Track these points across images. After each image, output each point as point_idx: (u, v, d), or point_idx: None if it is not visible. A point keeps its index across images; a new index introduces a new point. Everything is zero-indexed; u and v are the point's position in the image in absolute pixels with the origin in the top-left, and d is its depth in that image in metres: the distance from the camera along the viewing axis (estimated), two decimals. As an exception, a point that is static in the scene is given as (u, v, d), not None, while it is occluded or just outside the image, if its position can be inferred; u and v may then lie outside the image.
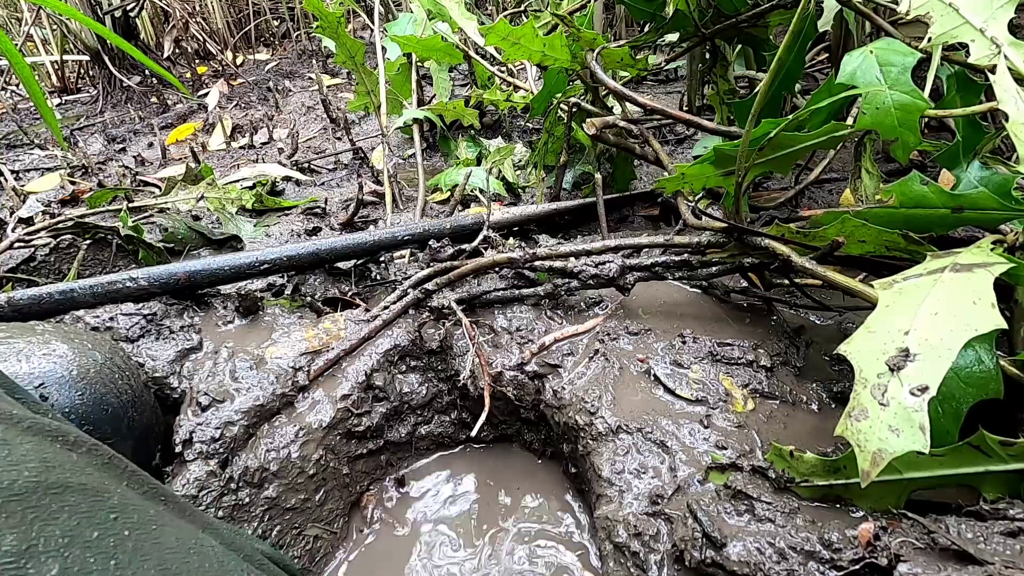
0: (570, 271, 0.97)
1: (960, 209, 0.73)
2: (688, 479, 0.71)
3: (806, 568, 0.57)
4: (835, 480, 0.63)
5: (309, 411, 0.87)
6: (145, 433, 0.81)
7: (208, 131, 2.33)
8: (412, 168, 1.75)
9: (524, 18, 2.51)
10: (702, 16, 1.21)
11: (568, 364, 0.90)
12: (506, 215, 1.28)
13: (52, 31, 2.91)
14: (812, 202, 1.32)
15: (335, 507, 0.87)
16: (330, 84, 2.70)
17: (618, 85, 1.13)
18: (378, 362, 0.93)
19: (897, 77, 0.80)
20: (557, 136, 1.44)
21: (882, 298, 0.66)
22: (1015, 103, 0.71)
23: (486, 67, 1.87)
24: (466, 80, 2.29)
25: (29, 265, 1.29)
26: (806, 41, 1.04)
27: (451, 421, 1.00)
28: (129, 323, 0.95)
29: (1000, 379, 0.62)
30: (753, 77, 1.51)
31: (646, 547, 0.67)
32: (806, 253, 0.82)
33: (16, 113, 2.76)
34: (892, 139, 0.81)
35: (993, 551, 0.54)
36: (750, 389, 0.83)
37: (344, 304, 1.10)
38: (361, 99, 1.69)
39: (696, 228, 1.01)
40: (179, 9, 3.01)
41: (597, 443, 0.79)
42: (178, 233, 1.39)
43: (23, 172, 2.02)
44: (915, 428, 0.55)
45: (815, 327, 1.01)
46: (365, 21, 2.84)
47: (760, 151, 0.82)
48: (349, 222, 1.44)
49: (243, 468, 0.80)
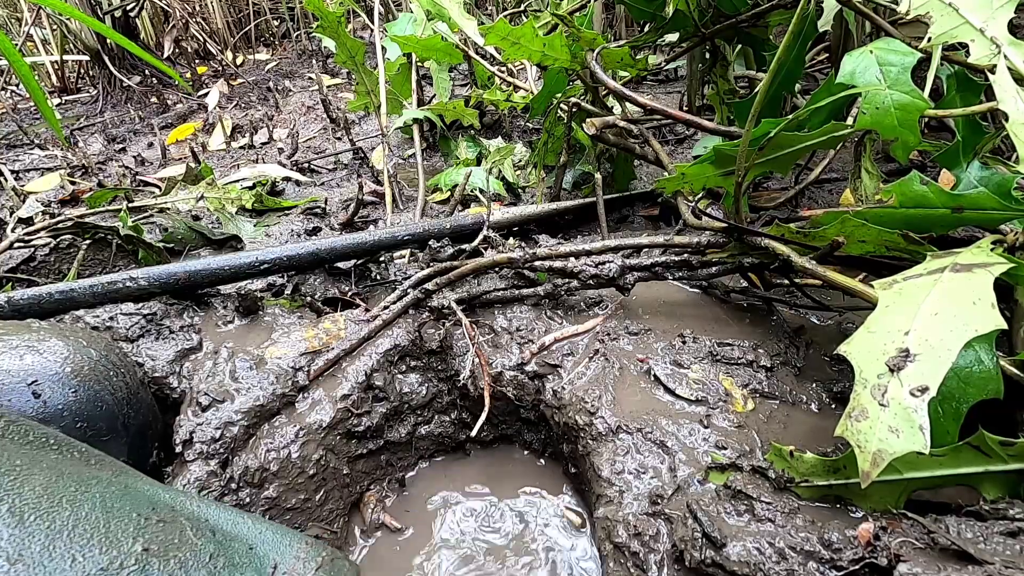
0: (570, 271, 0.97)
1: (960, 209, 0.73)
2: (688, 479, 0.71)
3: (806, 568, 0.57)
4: (835, 480, 0.63)
5: (309, 411, 0.87)
6: (141, 431, 0.81)
7: (208, 131, 2.33)
8: (412, 168, 1.75)
9: (524, 18, 2.51)
10: (702, 16, 1.21)
11: (568, 364, 0.90)
12: (506, 215, 1.28)
13: (52, 31, 2.91)
14: (812, 202, 1.32)
15: (335, 507, 0.87)
16: (330, 84, 2.70)
17: (618, 85, 1.13)
18: (378, 362, 0.93)
19: (897, 77, 0.80)
20: (557, 136, 1.44)
21: (882, 298, 0.66)
22: (1015, 103, 0.71)
23: (486, 67, 1.87)
24: (466, 80, 2.29)
25: (29, 265, 1.29)
26: (806, 41, 1.04)
27: (451, 421, 1.00)
28: (129, 323, 0.95)
29: (1000, 379, 0.62)
30: (753, 77, 1.51)
31: (646, 547, 0.67)
32: (806, 253, 0.82)
33: (16, 113, 2.76)
34: (892, 139, 0.81)
35: (993, 551, 0.54)
36: (750, 389, 0.83)
37: (344, 304, 1.10)
38: (361, 99, 1.69)
39: (696, 228, 1.01)
40: (179, 9, 3.01)
41: (597, 443, 0.79)
42: (178, 233, 1.39)
43: (23, 172, 2.02)
44: (915, 428, 0.55)
45: (815, 327, 1.01)
46: (365, 21, 2.84)
47: (760, 151, 0.82)
48: (349, 222, 1.44)
49: (243, 468, 0.80)
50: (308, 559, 0.57)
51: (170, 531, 0.50)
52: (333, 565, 0.58)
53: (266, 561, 0.54)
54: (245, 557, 0.53)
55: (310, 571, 0.56)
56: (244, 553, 0.54)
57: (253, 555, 0.54)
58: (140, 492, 0.54)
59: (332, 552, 0.60)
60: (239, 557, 0.53)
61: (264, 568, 0.54)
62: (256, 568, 0.53)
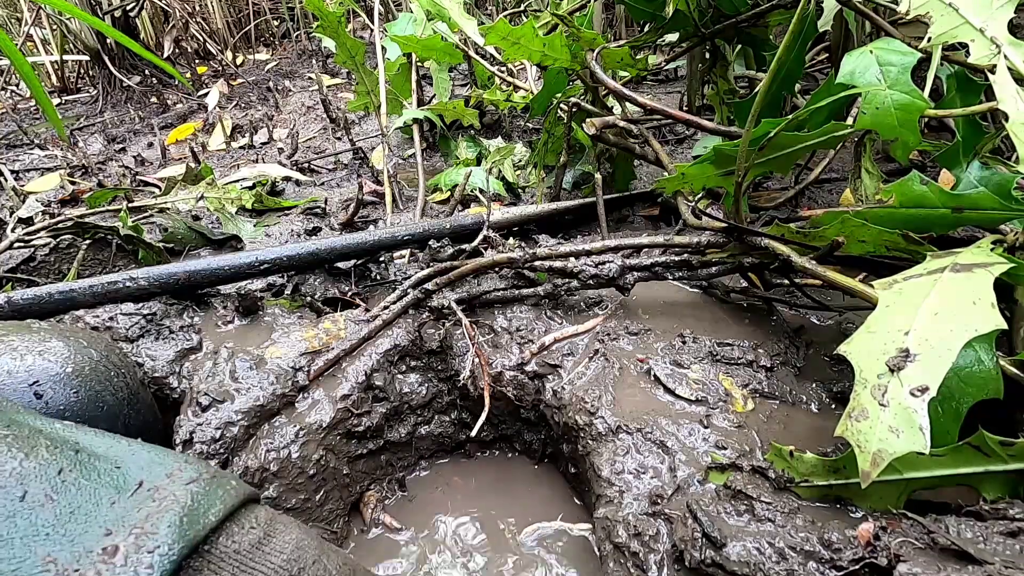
0: (570, 271, 0.97)
1: (960, 209, 0.73)
2: (688, 479, 0.71)
3: (806, 568, 0.57)
4: (835, 480, 0.63)
5: (309, 411, 0.87)
6: (142, 431, 0.81)
7: (208, 131, 2.33)
8: (412, 168, 1.75)
9: (524, 18, 2.50)
10: (702, 16, 1.21)
11: (568, 364, 0.90)
12: (506, 215, 1.28)
13: (52, 31, 2.91)
14: (812, 202, 1.32)
15: (335, 507, 0.87)
16: (330, 84, 2.70)
17: (618, 85, 1.13)
18: (378, 362, 0.93)
19: (897, 77, 0.80)
20: (557, 136, 1.44)
21: (882, 298, 0.66)
22: (1015, 103, 0.71)
23: (486, 67, 1.87)
24: (466, 80, 2.29)
25: (29, 265, 1.29)
26: (806, 41, 1.04)
27: (451, 421, 1.00)
28: (129, 323, 0.95)
29: (1000, 379, 0.62)
30: (753, 77, 1.51)
31: (646, 547, 0.67)
32: (806, 253, 0.82)
33: (16, 113, 2.76)
34: (892, 139, 0.81)
35: (993, 551, 0.54)
36: (750, 389, 0.83)
37: (344, 304, 1.10)
38: (361, 99, 1.69)
39: (696, 228, 1.01)
40: (179, 9, 3.01)
41: (597, 443, 0.79)
42: (178, 233, 1.39)
43: (23, 172, 2.02)
44: (915, 428, 0.55)
45: (815, 327, 1.01)
46: (365, 21, 2.84)
47: (760, 151, 0.82)
48: (349, 222, 1.44)
49: (243, 468, 0.80)
50: (181, 475, 0.51)
51: (17, 445, 0.47)
52: (213, 481, 0.52)
53: (131, 479, 0.49)
54: (105, 475, 0.49)
55: (180, 485, 0.49)
56: (105, 471, 0.49)
57: (117, 473, 0.49)
58: (3, 412, 0.51)
59: (217, 471, 0.54)
60: (97, 474, 0.48)
61: (126, 484, 0.49)
62: (115, 485, 0.48)
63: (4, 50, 1.12)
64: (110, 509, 0.46)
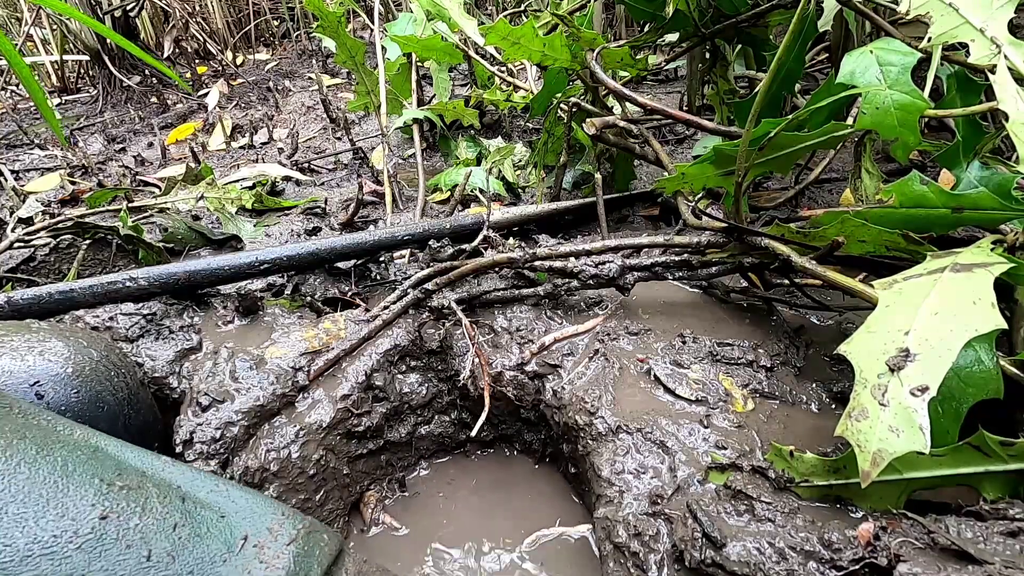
0: (570, 271, 0.97)
1: (960, 209, 0.73)
2: (688, 479, 0.71)
3: (806, 568, 0.57)
4: (835, 480, 0.63)
5: (309, 411, 0.87)
6: (142, 431, 0.81)
7: (208, 131, 2.33)
8: (412, 168, 1.75)
9: (524, 18, 2.51)
10: (702, 16, 1.21)
11: (568, 364, 0.90)
12: (506, 215, 1.28)
13: (52, 31, 2.91)
14: (812, 202, 1.32)
15: (335, 507, 0.87)
16: (330, 84, 2.70)
17: (618, 85, 1.13)
18: (378, 362, 0.93)
19: (897, 77, 0.80)
20: (557, 136, 1.44)
21: (882, 298, 0.66)
22: (1015, 103, 0.71)
23: (486, 67, 1.87)
24: (466, 80, 2.29)
25: (29, 265, 1.29)
26: (806, 41, 1.04)
27: (451, 421, 1.00)
28: (129, 323, 0.95)
29: (1000, 379, 0.62)
30: (753, 77, 1.51)
31: (646, 547, 0.67)
32: (806, 253, 0.82)
33: (16, 113, 2.76)
34: (892, 139, 0.81)
35: (993, 551, 0.54)
36: (750, 389, 0.83)
37: (344, 304, 1.10)
38: (361, 99, 1.69)
39: (696, 228, 1.01)
40: (179, 9, 3.01)
41: (597, 443, 0.79)
42: (178, 233, 1.39)
43: (23, 172, 2.02)
44: (915, 428, 0.55)
45: (815, 327, 1.01)
46: (365, 21, 2.84)
47: (760, 151, 0.82)
48: (349, 222, 1.44)
49: (243, 468, 0.80)
50: (281, 532, 0.54)
51: (133, 498, 0.48)
52: (309, 539, 0.55)
53: (236, 532, 0.52)
54: (214, 527, 0.51)
55: (282, 545, 0.52)
56: (213, 523, 0.51)
57: (223, 525, 0.51)
58: (108, 456, 0.52)
59: (310, 524, 0.57)
60: (206, 527, 0.50)
61: (233, 540, 0.51)
62: (224, 540, 0.50)
63: (3, 52, 1.12)
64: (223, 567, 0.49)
